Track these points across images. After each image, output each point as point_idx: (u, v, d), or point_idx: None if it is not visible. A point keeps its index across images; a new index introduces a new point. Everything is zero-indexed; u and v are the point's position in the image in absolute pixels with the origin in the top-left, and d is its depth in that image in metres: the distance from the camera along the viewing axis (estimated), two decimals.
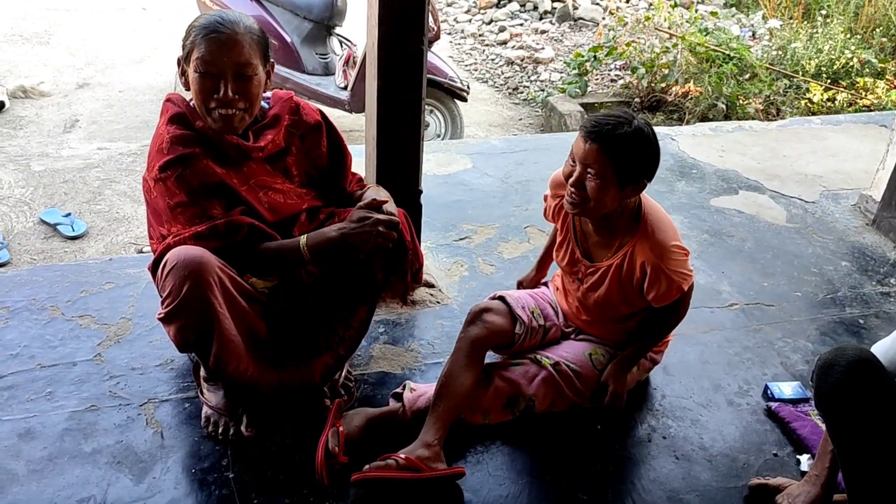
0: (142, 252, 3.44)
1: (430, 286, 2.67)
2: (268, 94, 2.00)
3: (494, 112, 6.00)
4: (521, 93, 6.35)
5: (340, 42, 5.25)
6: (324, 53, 5.13)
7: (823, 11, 6.99)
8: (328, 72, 5.10)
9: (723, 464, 2.04)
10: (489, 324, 2.04)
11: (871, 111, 5.51)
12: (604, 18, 7.53)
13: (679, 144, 4.11)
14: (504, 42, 7.21)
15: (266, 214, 1.91)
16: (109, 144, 4.66)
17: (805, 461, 2.03)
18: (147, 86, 5.65)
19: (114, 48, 6.32)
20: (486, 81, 6.58)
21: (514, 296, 2.16)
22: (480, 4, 7.92)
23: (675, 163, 3.88)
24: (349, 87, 4.84)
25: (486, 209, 3.31)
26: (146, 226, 1.96)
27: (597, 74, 6.39)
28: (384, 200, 1.97)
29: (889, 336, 1.66)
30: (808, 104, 5.73)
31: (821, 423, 2.05)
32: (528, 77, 6.58)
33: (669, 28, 6.22)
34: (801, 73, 6.00)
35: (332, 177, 2.09)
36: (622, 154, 1.82)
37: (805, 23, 6.91)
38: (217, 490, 1.83)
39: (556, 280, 2.29)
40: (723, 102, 5.54)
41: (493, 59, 6.95)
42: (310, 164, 2.04)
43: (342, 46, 5.22)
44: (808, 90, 5.81)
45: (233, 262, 1.85)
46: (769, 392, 2.27)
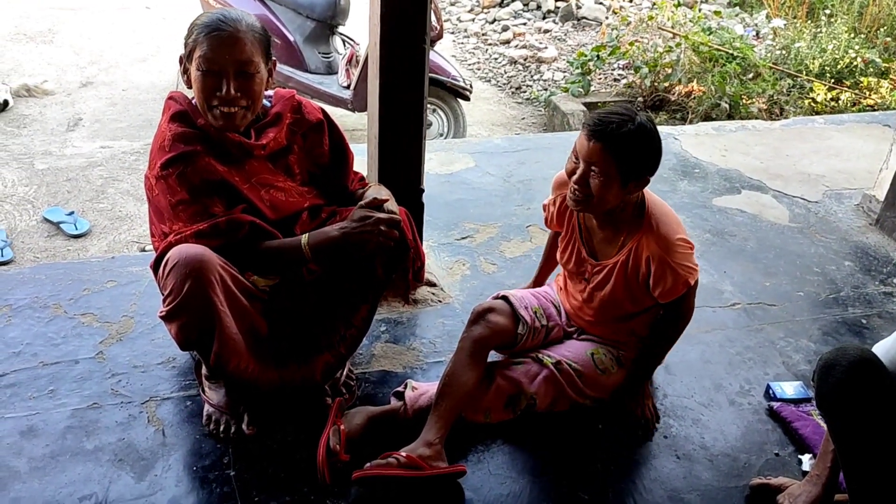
0: (144, 250, 3.44)
1: (432, 285, 2.67)
2: (270, 93, 2.00)
3: (497, 111, 5.99)
4: (524, 92, 6.35)
5: (343, 41, 5.25)
6: (327, 52, 5.13)
7: (827, 11, 6.97)
8: (331, 71, 5.10)
9: (724, 463, 2.04)
10: (492, 324, 2.04)
11: (875, 111, 5.50)
12: (607, 18, 7.53)
13: (682, 144, 4.10)
14: (507, 41, 7.21)
15: (267, 212, 1.91)
16: (112, 143, 4.67)
17: (807, 461, 2.02)
18: (150, 84, 5.66)
19: (117, 47, 6.33)
20: (489, 80, 6.58)
21: (517, 296, 2.16)
22: (484, 3, 7.92)
23: (678, 162, 3.88)
24: (352, 87, 4.84)
25: (489, 208, 3.30)
26: (148, 224, 1.96)
27: (600, 74, 6.38)
28: (385, 199, 1.97)
29: (891, 336, 1.65)
30: (812, 104, 5.71)
31: (822, 423, 2.04)
32: (531, 76, 6.58)
33: (673, 27, 6.22)
34: (805, 73, 5.98)
35: (334, 175, 2.09)
36: (626, 152, 1.82)
37: (809, 22, 6.90)
38: (218, 488, 1.84)
39: (559, 280, 2.29)
40: (726, 102, 5.53)
41: (496, 59, 6.95)
42: (311, 163, 2.04)
43: (345, 45, 5.23)
44: (812, 90, 5.79)
45: (234, 260, 1.85)
46: (771, 392, 2.27)
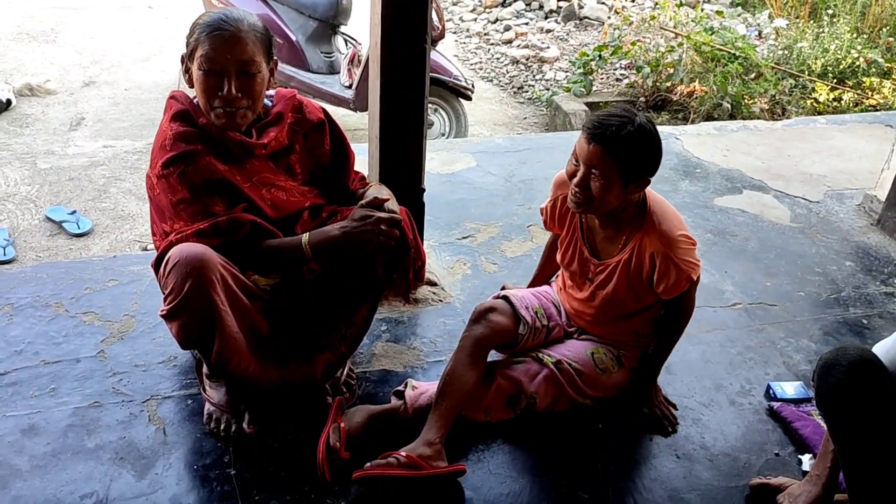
0: (146, 250, 3.45)
1: (433, 284, 2.68)
2: (271, 92, 2.00)
3: (499, 111, 5.99)
4: (526, 92, 6.35)
5: (345, 41, 5.26)
6: (329, 52, 5.14)
7: (830, 11, 6.97)
8: (333, 70, 5.11)
9: (724, 463, 2.04)
10: (493, 323, 2.04)
11: (877, 111, 5.49)
12: (609, 17, 7.52)
13: (683, 144, 4.10)
14: (509, 41, 7.21)
15: (268, 212, 1.91)
16: (115, 142, 4.68)
17: (807, 461, 2.02)
18: (153, 84, 5.66)
19: (120, 46, 6.34)
20: (491, 80, 6.58)
21: (518, 295, 2.16)
22: (486, 3, 7.92)
23: (679, 162, 3.87)
24: (354, 86, 4.84)
25: (490, 208, 3.31)
26: (150, 223, 1.97)
27: (602, 73, 6.38)
28: (386, 198, 1.97)
29: (891, 336, 1.65)
30: (814, 104, 5.71)
31: (823, 423, 2.04)
32: (533, 76, 6.58)
33: (675, 27, 6.21)
34: (807, 73, 5.98)
35: (335, 175, 2.10)
36: (626, 154, 1.82)
37: (811, 22, 6.89)
38: (219, 486, 1.84)
39: (560, 280, 2.29)
40: (728, 102, 5.53)
41: (498, 58, 6.95)
42: (312, 163, 2.04)
43: (347, 45, 5.23)
44: (814, 90, 5.79)
45: (235, 259, 1.85)
46: (771, 392, 2.27)
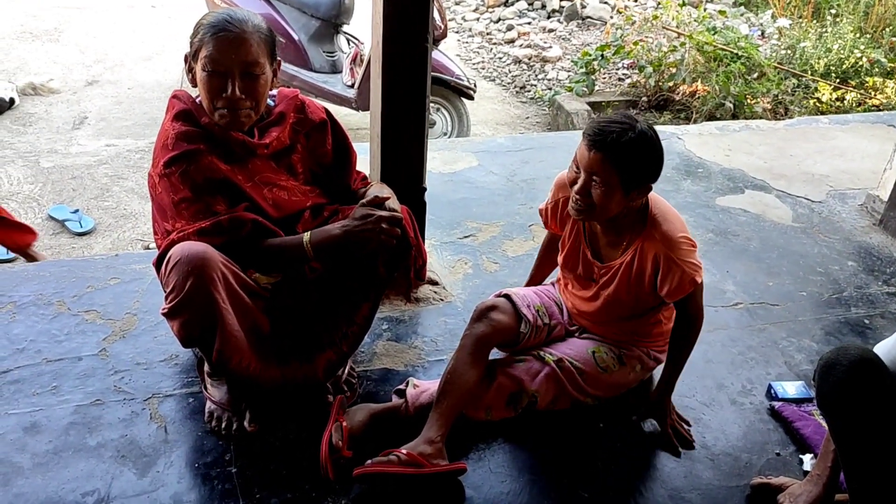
0: (148, 248, 3.46)
1: (434, 283, 2.68)
2: (273, 92, 2.00)
3: (501, 110, 5.99)
4: (529, 91, 6.35)
5: (348, 40, 5.26)
6: (331, 51, 5.14)
7: (833, 10, 6.95)
8: (335, 70, 5.11)
9: (725, 463, 2.03)
10: (495, 322, 2.04)
11: (880, 111, 5.49)
12: (612, 17, 7.52)
13: (685, 143, 4.09)
14: (512, 40, 7.21)
15: (270, 211, 1.91)
16: (118, 141, 4.69)
17: (808, 461, 2.02)
18: (155, 83, 5.67)
19: (123, 45, 6.35)
20: (494, 80, 6.58)
21: (520, 294, 2.16)
22: (488, 3, 7.92)
23: (682, 162, 3.87)
24: (356, 86, 4.84)
25: (491, 207, 3.31)
26: (152, 222, 1.97)
27: (604, 73, 6.38)
28: (386, 197, 1.97)
29: (892, 336, 1.65)
30: (817, 104, 5.70)
31: (824, 423, 2.04)
32: (536, 75, 6.58)
33: (677, 27, 6.21)
34: (810, 73, 5.97)
35: (337, 175, 2.10)
36: (627, 161, 1.82)
37: (814, 22, 6.88)
38: (220, 485, 1.85)
39: (561, 279, 2.29)
40: (730, 102, 5.52)
41: (501, 58, 6.94)
42: (314, 162, 2.05)
43: (349, 44, 5.23)
44: (817, 90, 5.78)
45: (236, 258, 1.86)
46: (773, 391, 2.27)
